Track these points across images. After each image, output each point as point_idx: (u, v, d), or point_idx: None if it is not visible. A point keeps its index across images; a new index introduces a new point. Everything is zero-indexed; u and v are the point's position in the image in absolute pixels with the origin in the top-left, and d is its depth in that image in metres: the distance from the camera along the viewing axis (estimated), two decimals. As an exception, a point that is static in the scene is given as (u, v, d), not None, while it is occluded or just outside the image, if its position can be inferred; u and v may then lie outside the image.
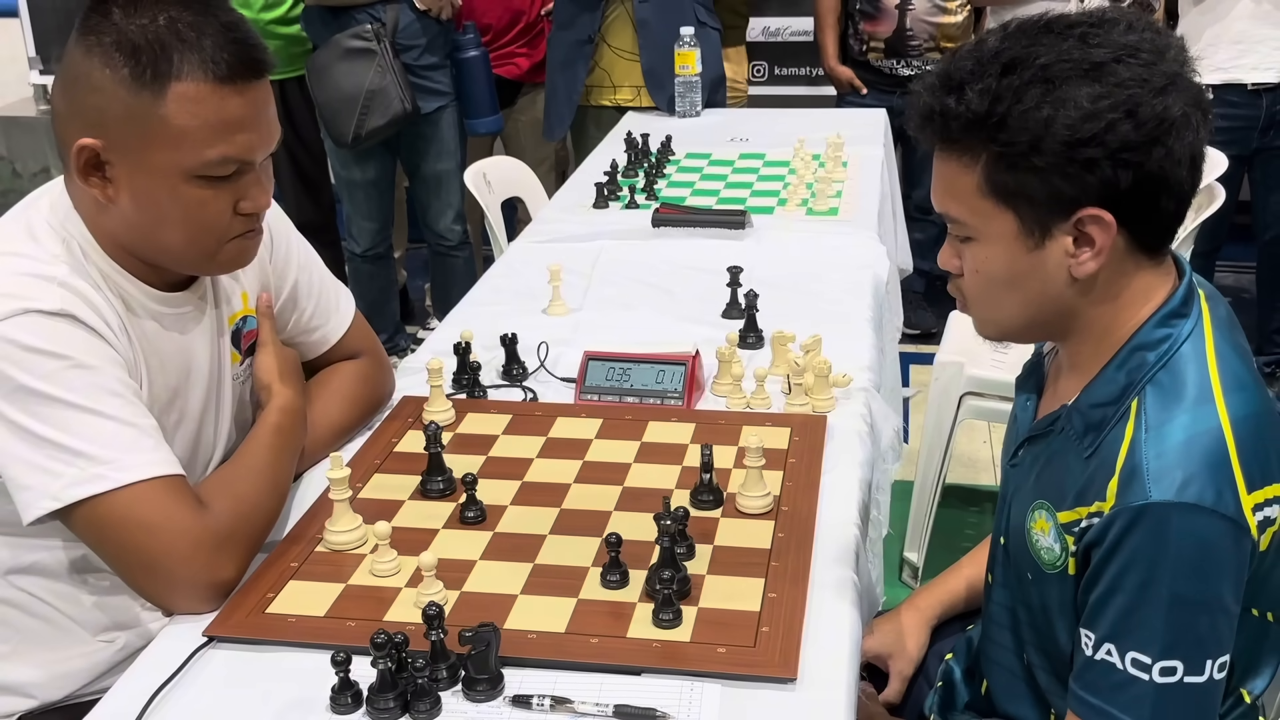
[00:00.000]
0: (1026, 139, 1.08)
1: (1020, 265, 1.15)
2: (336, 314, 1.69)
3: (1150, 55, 1.09)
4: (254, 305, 1.56)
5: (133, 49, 1.25)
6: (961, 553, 1.64)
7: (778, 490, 1.48)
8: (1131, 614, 1.09)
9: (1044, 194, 1.10)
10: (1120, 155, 1.07)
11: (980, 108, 1.10)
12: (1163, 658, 1.08)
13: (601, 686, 1.16)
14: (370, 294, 3.78)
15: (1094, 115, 1.06)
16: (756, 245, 2.37)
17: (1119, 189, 1.09)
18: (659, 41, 3.43)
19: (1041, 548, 1.21)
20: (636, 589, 1.29)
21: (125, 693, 1.18)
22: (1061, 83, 1.08)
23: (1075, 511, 1.15)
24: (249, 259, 1.42)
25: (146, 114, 1.26)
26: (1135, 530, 1.08)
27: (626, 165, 2.91)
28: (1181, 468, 1.07)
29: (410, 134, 3.56)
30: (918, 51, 3.91)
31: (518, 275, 2.29)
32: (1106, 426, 1.15)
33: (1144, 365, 1.14)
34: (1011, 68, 1.09)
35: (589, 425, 1.67)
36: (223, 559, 1.29)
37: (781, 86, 4.69)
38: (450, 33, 3.57)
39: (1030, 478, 1.25)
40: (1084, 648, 1.14)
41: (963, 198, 1.15)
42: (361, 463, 1.57)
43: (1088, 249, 1.12)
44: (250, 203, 1.34)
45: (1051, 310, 1.18)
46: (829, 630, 1.24)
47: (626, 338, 1.88)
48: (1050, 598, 1.21)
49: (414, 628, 1.19)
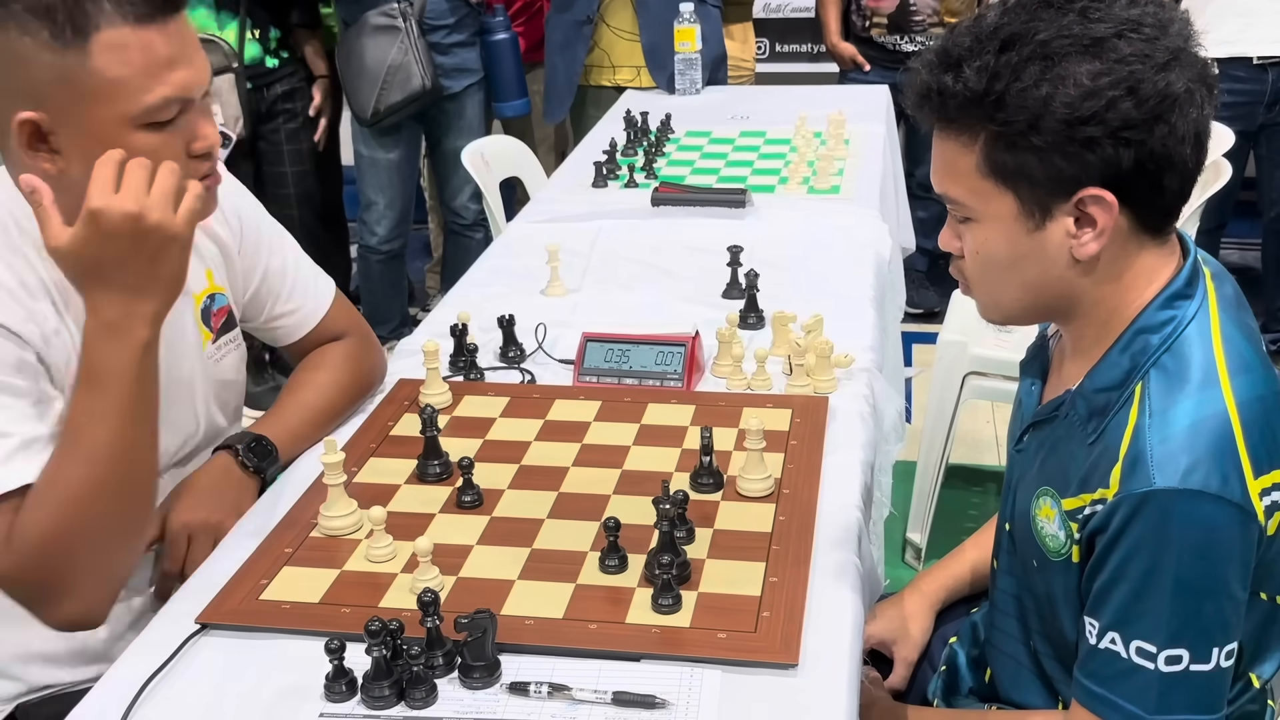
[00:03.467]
0: (1025, 118, 1.06)
1: (1021, 247, 1.13)
2: (315, 296, 1.66)
3: (1153, 30, 1.06)
4: (220, 283, 1.53)
5: (45, 9, 1.21)
6: (965, 533, 1.63)
7: (779, 473, 1.46)
8: (1136, 602, 1.08)
9: (1044, 174, 1.08)
10: (1121, 134, 1.05)
11: (978, 86, 1.07)
12: (1168, 646, 1.07)
13: (600, 673, 1.15)
14: (380, 290, 3.75)
15: (1094, 93, 1.04)
16: (757, 224, 2.35)
17: (1121, 168, 1.06)
18: (659, 20, 3.41)
19: (1046, 535, 1.19)
20: (636, 574, 1.28)
21: (116, 681, 1.16)
22: (1061, 59, 1.05)
23: (1079, 498, 1.13)
24: (213, 206, 1.38)
25: (76, 72, 1.22)
26: (1139, 517, 1.06)
27: (626, 144, 2.89)
28: (1186, 453, 1.05)
29: (435, 110, 3.57)
30: (921, 27, 3.87)
31: (515, 256, 2.26)
32: (1110, 411, 1.13)
33: (1148, 348, 1.12)
34: (1010, 44, 1.07)
35: (588, 408, 1.65)
36: (50, 599, 1.25)
37: (783, 63, 4.66)
38: (480, 14, 3.58)
39: (1035, 464, 1.23)
40: (1088, 636, 1.12)
41: (962, 178, 1.13)
42: (357, 446, 1.56)
43: (1089, 229, 1.10)
44: (202, 141, 1.31)
45: (1054, 292, 1.15)
46: (831, 615, 1.23)
47: (625, 318, 1.86)
48: (1055, 585, 1.20)
49: (409, 614, 1.18)
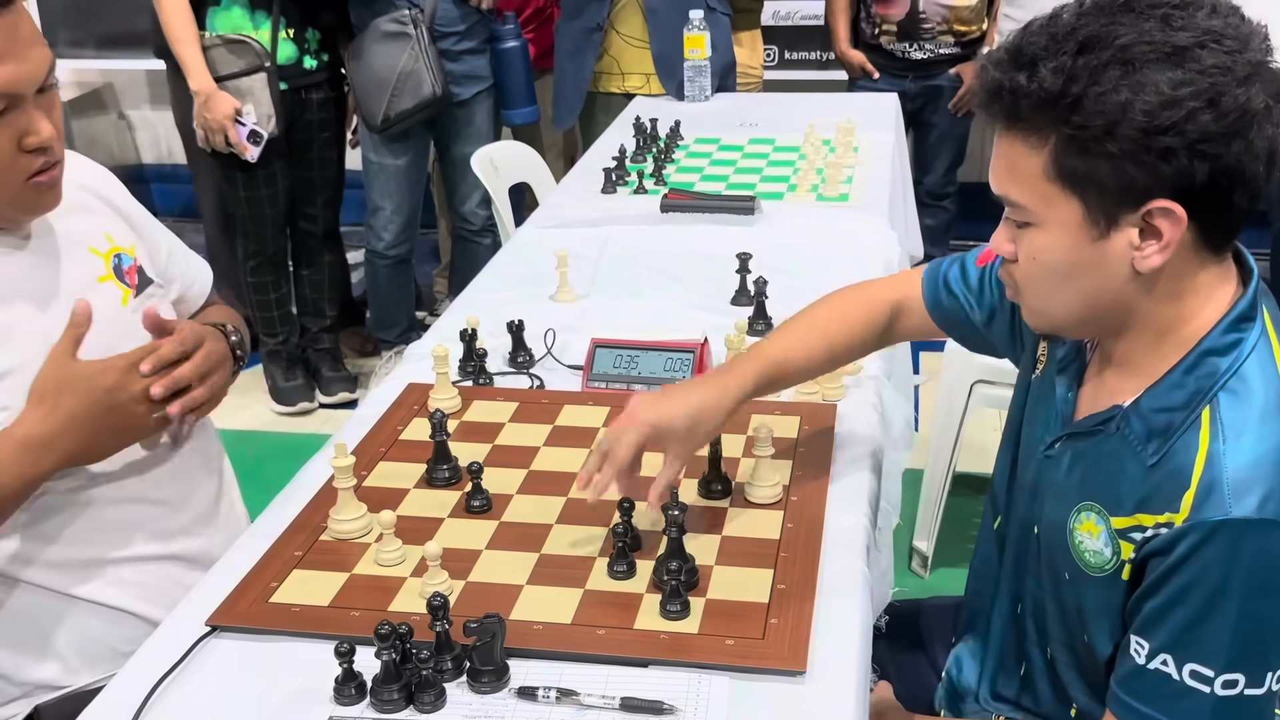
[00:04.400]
0: (1101, 122, 1.03)
1: (1082, 255, 1.10)
2: (202, 270, 1.70)
3: (1234, 43, 1.04)
4: (122, 244, 1.50)
5: None
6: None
7: (787, 480, 1.46)
8: (1195, 627, 1.07)
9: (1115, 182, 1.05)
10: (1198, 146, 1.02)
11: (1054, 86, 1.04)
12: (1226, 670, 1.06)
13: (608, 678, 1.15)
14: (388, 294, 3.76)
15: (1174, 102, 1.01)
16: (766, 231, 2.35)
17: (1194, 181, 1.04)
18: (669, 28, 3.41)
19: (1087, 550, 1.17)
20: (644, 580, 1.28)
21: (127, 683, 1.17)
22: (1142, 65, 1.02)
23: (1136, 518, 1.12)
24: (58, 196, 1.37)
25: None
26: (1209, 545, 1.05)
27: (635, 150, 2.89)
28: (1263, 483, 1.04)
29: (444, 117, 3.57)
30: (930, 34, 3.87)
31: (525, 261, 2.27)
32: (1174, 433, 1.10)
33: (1215, 372, 1.10)
34: (1088, 46, 1.04)
35: (596, 413, 1.65)
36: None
37: (792, 71, 4.65)
38: (490, 22, 3.59)
39: (1074, 476, 1.21)
40: (1134, 654, 1.11)
41: (1026, 180, 1.10)
42: (366, 450, 1.56)
43: (1154, 242, 1.07)
44: (34, 136, 1.30)
45: (1108, 304, 1.13)
46: (839, 622, 1.23)
47: (634, 324, 1.87)
48: (1089, 599, 1.18)
49: (419, 618, 1.18)
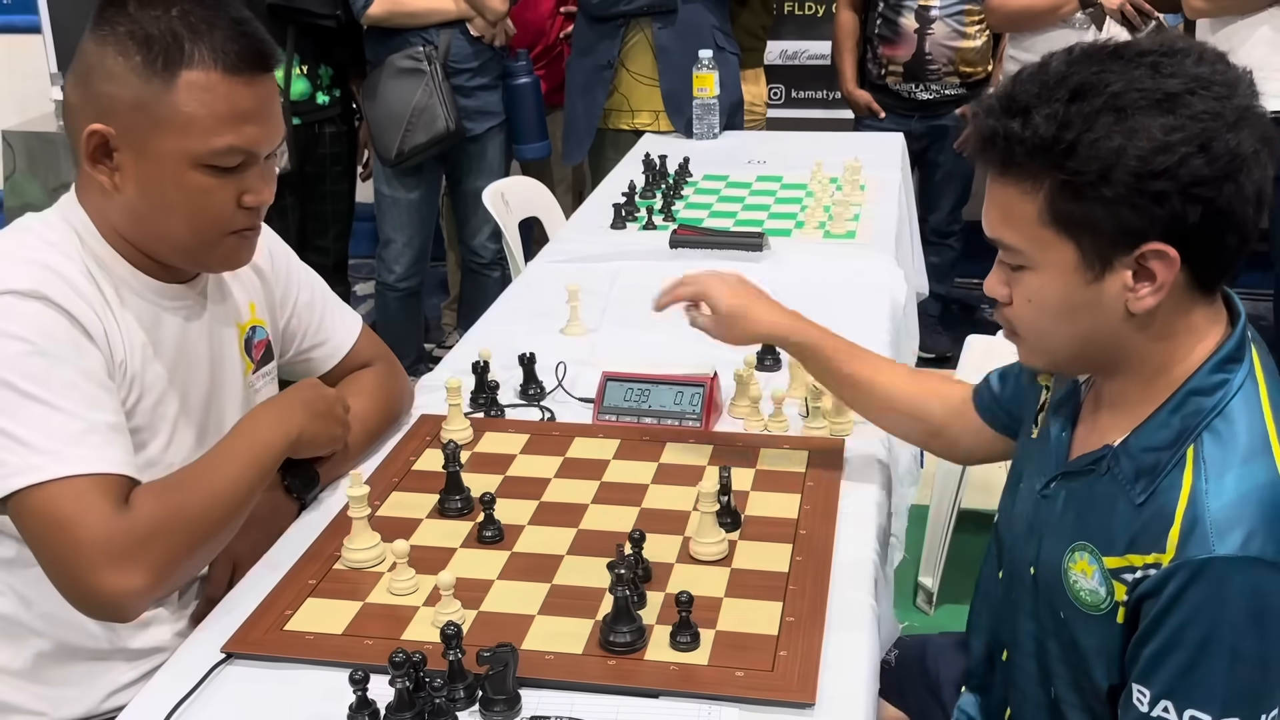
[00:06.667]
0: (1096, 168, 1.06)
1: (1076, 297, 1.12)
2: (343, 325, 1.71)
3: (1223, 89, 1.06)
4: (261, 316, 1.58)
5: (145, 38, 1.29)
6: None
7: (795, 513, 1.48)
8: (1191, 671, 1.07)
9: (1110, 225, 1.08)
10: (1191, 190, 1.05)
11: (1048, 133, 1.07)
12: (1223, 715, 1.07)
13: (619, 709, 1.16)
14: (398, 326, 3.78)
15: (1167, 147, 1.04)
16: (774, 267, 2.37)
17: (1186, 224, 1.06)
18: (678, 66, 3.44)
19: (1082, 590, 1.18)
20: (654, 611, 1.29)
21: (141, 709, 1.18)
22: (1134, 112, 1.05)
23: (1127, 559, 1.13)
24: (247, 257, 1.44)
25: (156, 101, 1.29)
26: (1195, 585, 1.06)
27: (644, 186, 2.92)
28: (1245, 521, 1.05)
29: (457, 151, 3.61)
30: (936, 76, 3.91)
31: (536, 295, 2.29)
32: (1160, 473, 1.12)
33: (1200, 411, 1.12)
34: (1081, 94, 1.07)
35: (607, 446, 1.67)
36: (129, 566, 1.22)
37: (799, 109, 4.69)
38: (503, 58, 3.63)
39: (1068, 516, 1.22)
40: (1137, 703, 1.11)
41: (1020, 225, 1.13)
42: (380, 480, 1.58)
43: (1147, 284, 1.09)
44: (254, 195, 1.36)
45: (1103, 345, 1.15)
46: (847, 655, 1.24)
47: (643, 359, 1.88)
48: (1087, 638, 1.19)
49: (432, 647, 1.19)
